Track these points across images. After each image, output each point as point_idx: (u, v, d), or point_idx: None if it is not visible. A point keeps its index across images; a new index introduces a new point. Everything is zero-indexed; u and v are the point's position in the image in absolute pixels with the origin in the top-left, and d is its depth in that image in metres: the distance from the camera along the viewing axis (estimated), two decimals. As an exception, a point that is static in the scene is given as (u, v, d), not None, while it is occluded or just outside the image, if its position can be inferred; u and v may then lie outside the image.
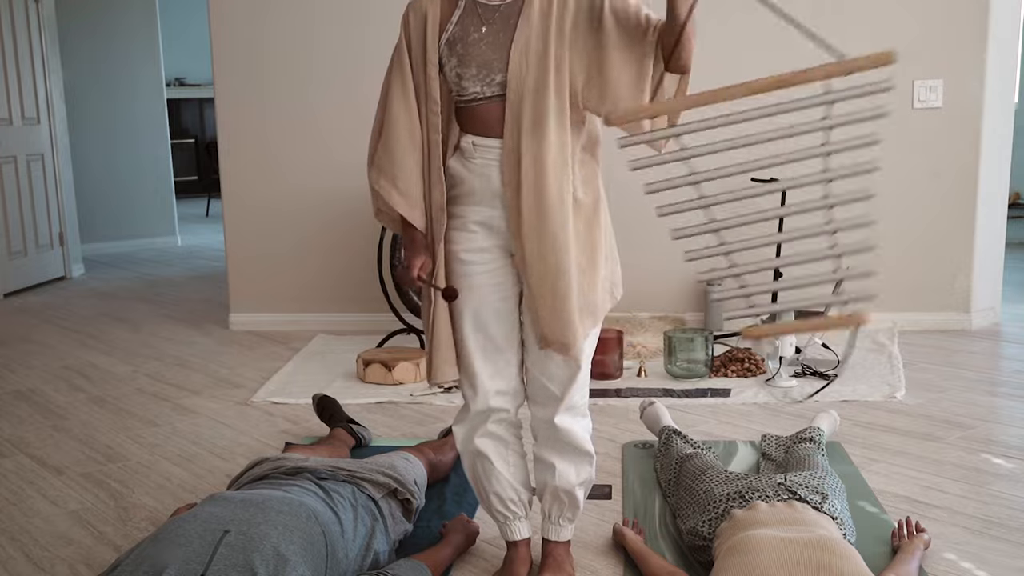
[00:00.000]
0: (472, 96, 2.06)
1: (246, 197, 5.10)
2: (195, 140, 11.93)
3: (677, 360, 3.96)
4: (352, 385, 4.03)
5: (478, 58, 2.02)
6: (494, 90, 2.03)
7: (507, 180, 2.05)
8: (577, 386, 2.18)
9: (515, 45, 2.00)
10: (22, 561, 2.53)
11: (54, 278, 6.87)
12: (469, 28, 2.04)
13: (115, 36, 7.87)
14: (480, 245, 2.13)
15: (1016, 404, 3.60)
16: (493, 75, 2.02)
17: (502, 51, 2.02)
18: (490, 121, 2.06)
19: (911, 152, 4.66)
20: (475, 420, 2.24)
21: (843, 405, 3.59)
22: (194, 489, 2.98)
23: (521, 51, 2.00)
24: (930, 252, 4.70)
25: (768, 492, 2.30)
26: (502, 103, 2.03)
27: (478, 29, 2.04)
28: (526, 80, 2.00)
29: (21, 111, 6.51)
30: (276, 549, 1.87)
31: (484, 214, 2.11)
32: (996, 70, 4.57)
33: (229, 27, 4.97)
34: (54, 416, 3.78)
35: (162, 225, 8.41)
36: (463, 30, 2.04)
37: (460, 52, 2.03)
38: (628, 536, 2.44)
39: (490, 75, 2.03)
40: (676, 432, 2.93)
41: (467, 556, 2.49)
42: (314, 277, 5.11)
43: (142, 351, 4.79)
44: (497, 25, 2.03)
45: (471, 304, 2.15)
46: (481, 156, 2.08)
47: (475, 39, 2.03)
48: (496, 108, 2.04)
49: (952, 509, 2.67)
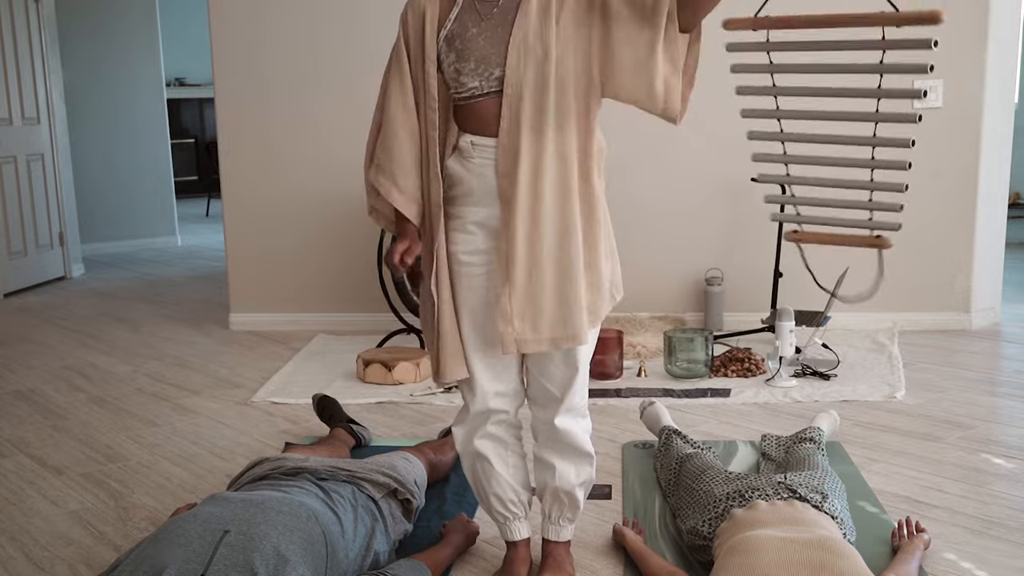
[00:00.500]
0: (470, 92, 2.05)
1: (246, 197, 5.10)
2: (195, 140, 11.93)
3: (677, 360, 3.96)
4: (352, 385, 4.03)
5: (476, 53, 2.02)
6: (492, 85, 2.03)
7: (503, 171, 2.03)
8: (576, 387, 2.17)
9: (513, 40, 2.00)
10: (22, 561, 2.53)
11: (54, 278, 6.87)
12: (467, 24, 2.04)
13: (115, 36, 7.87)
14: (478, 247, 2.12)
15: (1016, 404, 3.60)
16: (491, 70, 2.02)
17: (500, 46, 2.01)
18: (488, 119, 2.05)
19: (911, 152, 4.66)
20: (474, 421, 2.24)
21: (843, 405, 3.59)
22: (194, 489, 2.98)
23: (519, 47, 2.00)
24: (930, 252, 4.70)
25: (768, 491, 2.30)
26: (500, 100, 2.03)
27: (476, 24, 2.04)
28: (524, 76, 2.00)
29: (21, 111, 6.51)
30: (276, 549, 1.87)
31: (482, 214, 2.11)
32: (996, 70, 4.57)
33: (229, 27, 4.97)
34: (54, 416, 3.78)
35: (162, 225, 8.41)
36: (461, 26, 2.04)
37: (459, 47, 2.03)
38: (628, 536, 2.44)
39: (488, 70, 2.02)
40: (676, 432, 2.93)
41: (467, 556, 2.49)
42: (314, 277, 5.11)
43: (142, 351, 4.79)
44: (495, 20, 2.03)
45: (469, 304, 2.15)
46: (479, 155, 2.07)
47: (473, 34, 2.03)
48: (494, 105, 2.04)
49: (952, 509, 2.67)
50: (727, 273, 4.79)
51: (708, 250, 4.83)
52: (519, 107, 2.01)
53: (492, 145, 2.06)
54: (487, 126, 2.06)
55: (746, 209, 4.74)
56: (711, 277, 4.71)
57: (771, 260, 4.67)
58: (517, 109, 2.01)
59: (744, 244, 4.80)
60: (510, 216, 2.03)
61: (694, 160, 4.62)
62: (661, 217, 4.79)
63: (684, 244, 4.85)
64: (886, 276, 4.69)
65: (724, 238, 4.82)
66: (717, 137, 4.69)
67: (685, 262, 4.86)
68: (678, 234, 4.84)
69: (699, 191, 4.78)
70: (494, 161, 2.06)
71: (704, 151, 4.69)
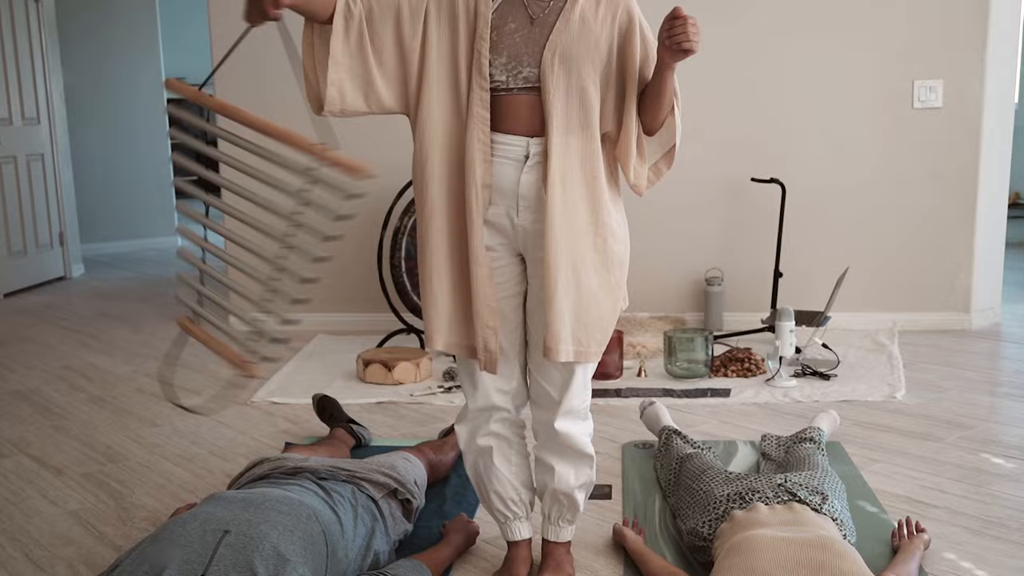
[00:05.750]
0: (495, 85, 2.03)
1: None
2: (195, 140, 11.93)
3: (677, 360, 3.96)
4: (352, 385, 4.03)
5: (510, 48, 2.02)
6: (518, 83, 2.03)
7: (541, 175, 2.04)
8: (574, 391, 2.16)
9: (549, 44, 2.01)
10: (22, 561, 2.53)
11: (54, 278, 6.87)
12: (507, 18, 2.03)
13: (115, 36, 7.87)
14: (486, 243, 2.12)
15: (1016, 404, 3.60)
16: (520, 68, 2.02)
17: (535, 47, 2.02)
18: (509, 115, 2.04)
19: (911, 152, 4.66)
20: (477, 419, 2.24)
21: (843, 405, 3.59)
22: (194, 489, 2.98)
23: (553, 51, 2.00)
24: (930, 252, 4.70)
25: (768, 494, 2.30)
26: (524, 98, 2.03)
27: (516, 20, 2.03)
28: (560, 81, 2.00)
29: (21, 111, 6.51)
30: (276, 549, 1.87)
31: (493, 212, 2.09)
32: (996, 70, 4.57)
33: (229, 27, 4.97)
34: (54, 416, 3.78)
35: (162, 225, 8.41)
36: (500, 18, 2.03)
37: (494, 39, 2.02)
38: (628, 536, 2.44)
39: (518, 68, 2.02)
40: (676, 432, 2.93)
41: (467, 556, 2.49)
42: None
43: (142, 351, 4.79)
44: (536, 20, 2.03)
45: None
46: (500, 154, 2.06)
47: (511, 29, 2.02)
48: (517, 102, 2.03)
49: (952, 509, 2.67)
50: (727, 273, 4.79)
51: (708, 250, 4.83)
52: (551, 110, 2.01)
53: (512, 143, 2.05)
54: (507, 123, 2.04)
55: (746, 209, 4.74)
56: (711, 277, 4.71)
57: (771, 260, 4.67)
58: (549, 112, 2.01)
59: (744, 244, 4.80)
60: (549, 222, 2.02)
61: (694, 161, 4.63)
62: (661, 217, 4.79)
63: (684, 244, 4.85)
64: (884, 279, 4.71)
65: (724, 238, 4.82)
66: (717, 138, 4.69)
67: (685, 262, 4.86)
68: (678, 234, 4.84)
69: (699, 191, 4.78)
70: (513, 160, 2.05)
71: (704, 152, 4.69)
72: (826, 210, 4.73)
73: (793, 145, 4.71)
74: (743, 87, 4.67)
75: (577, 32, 2.01)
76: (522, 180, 2.06)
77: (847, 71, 4.64)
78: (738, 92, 4.67)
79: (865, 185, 4.69)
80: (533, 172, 2.06)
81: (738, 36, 4.66)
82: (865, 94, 4.64)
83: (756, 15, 4.67)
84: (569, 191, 2.03)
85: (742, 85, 4.67)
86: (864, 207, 4.71)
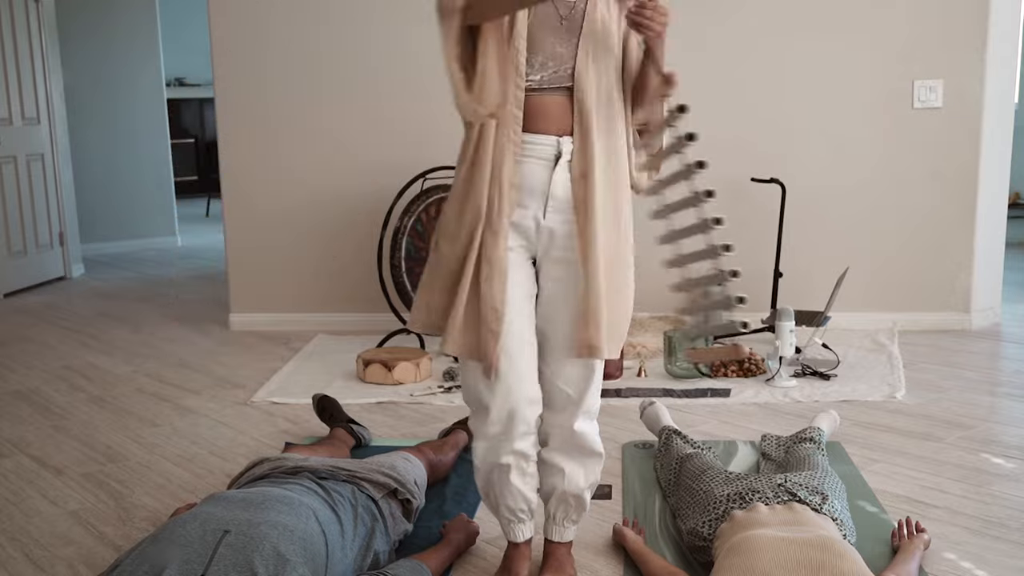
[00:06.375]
0: (528, 84, 2.03)
1: (246, 197, 5.10)
2: (195, 140, 11.92)
3: (677, 360, 3.96)
4: (352, 385, 4.03)
5: (547, 48, 2.03)
6: (554, 82, 2.03)
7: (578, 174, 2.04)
8: (593, 389, 2.17)
9: (582, 44, 2.03)
10: (22, 561, 2.52)
11: (54, 278, 6.87)
12: (544, 18, 2.03)
13: (115, 36, 7.86)
14: (507, 244, 2.10)
15: (1016, 404, 3.60)
16: (556, 68, 2.03)
17: (569, 47, 2.03)
18: (539, 115, 2.04)
19: (911, 152, 4.66)
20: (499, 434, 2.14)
21: (843, 405, 3.59)
22: (194, 489, 2.97)
23: (587, 52, 2.02)
24: (930, 252, 4.70)
25: (768, 494, 2.30)
26: (558, 97, 2.04)
27: (549, 20, 2.04)
28: (592, 80, 2.03)
29: (21, 111, 6.50)
30: (276, 549, 1.87)
31: (517, 214, 2.07)
32: (996, 70, 4.57)
33: (229, 27, 4.97)
34: (54, 416, 3.78)
35: (162, 225, 8.40)
36: (537, 18, 2.03)
37: (528, 38, 2.02)
38: (628, 536, 2.44)
39: (554, 67, 2.03)
40: (676, 432, 2.93)
41: (467, 556, 2.48)
42: (314, 277, 5.11)
43: (142, 351, 4.79)
44: (568, 22, 2.04)
45: None
46: (529, 154, 2.05)
47: (547, 29, 2.03)
48: (550, 101, 2.04)
49: (952, 509, 2.67)
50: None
51: (708, 250, 4.82)
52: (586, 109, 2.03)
53: (543, 143, 2.04)
54: (538, 122, 2.04)
55: (746, 209, 4.74)
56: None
57: (771, 260, 4.67)
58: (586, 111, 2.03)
59: (744, 244, 4.78)
60: (587, 222, 2.04)
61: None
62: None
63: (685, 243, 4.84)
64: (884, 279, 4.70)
65: (724, 238, 4.81)
66: (717, 138, 4.69)
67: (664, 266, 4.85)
68: (678, 234, 4.83)
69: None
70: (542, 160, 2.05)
71: (703, 152, 4.68)
72: (826, 210, 4.73)
73: (793, 145, 4.71)
74: (743, 87, 4.67)
75: (602, 33, 2.05)
76: (554, 179, 2.05)
77: (847, 71, 4.64)
78: (738, 92, 4.67)
79: (865, 185, 4.69)
80: (564, 171, 2.06)
81: (734, 36, 4.66)
82: (865, 94, 4.64)
83: (754, 15, 4.67)
84: (603, 189, 2.05)
85: (742, 85, 4.67)
86: (864, 207, 4.71)
